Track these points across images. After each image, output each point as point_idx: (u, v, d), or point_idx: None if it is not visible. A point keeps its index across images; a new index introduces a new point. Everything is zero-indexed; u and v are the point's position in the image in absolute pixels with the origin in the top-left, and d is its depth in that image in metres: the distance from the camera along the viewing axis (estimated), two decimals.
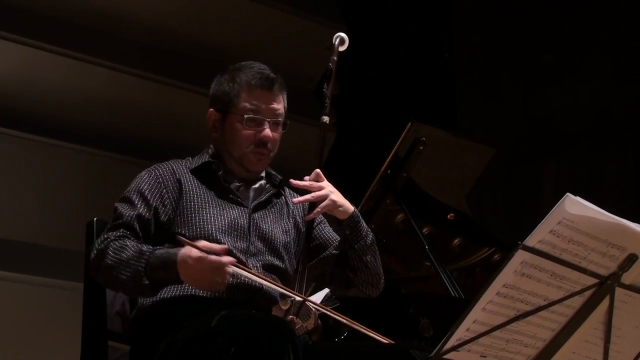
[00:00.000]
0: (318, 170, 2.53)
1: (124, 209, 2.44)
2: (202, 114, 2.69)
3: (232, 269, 2.22)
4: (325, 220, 2.68)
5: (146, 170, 2.54)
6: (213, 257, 2.20)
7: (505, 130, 6.04)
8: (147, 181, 2.49)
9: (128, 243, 2.34)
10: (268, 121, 2.54)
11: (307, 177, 2.51)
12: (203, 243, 2.24)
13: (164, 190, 2.47)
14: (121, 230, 2.39)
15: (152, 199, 2.45)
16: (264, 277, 2.35)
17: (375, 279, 2.57)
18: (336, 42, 2.70)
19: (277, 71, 2.62)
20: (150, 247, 2.34)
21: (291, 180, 2.52)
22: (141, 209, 2.43)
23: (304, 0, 5.78)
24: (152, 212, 2.44)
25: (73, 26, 5.14)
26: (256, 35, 5.56)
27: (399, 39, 6.27)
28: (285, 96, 2.62)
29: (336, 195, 2.49)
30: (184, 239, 2.25)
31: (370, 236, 2.56)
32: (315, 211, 2.47)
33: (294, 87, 2.66)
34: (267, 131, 2.53)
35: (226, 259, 2.22)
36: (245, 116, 2.52)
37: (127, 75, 5.26)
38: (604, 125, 5.74)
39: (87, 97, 5.22)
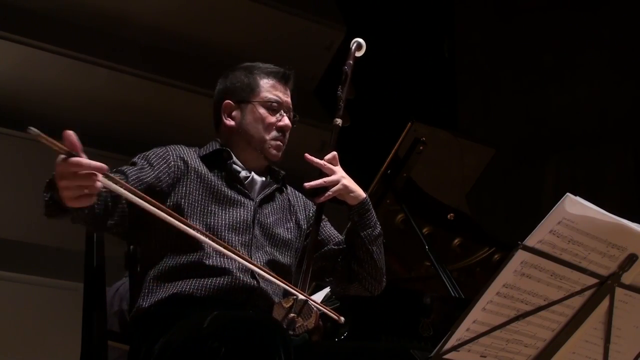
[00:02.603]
0: (335, 152, 2.56)
1: (125, 166, 2.42)
2: (201, 114, 2.69)
3: (101, 178, 1.94)
4: (325, 218, 2.68)
5: (158, 147, 2.54)
6: (78, 158, 1.92)
7: (505, 131, 6.04)
8: (156, 152, 2.49)
9: None
10: (288, 109, 2.60)
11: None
12: (55, 142, 1.90)
13: (172, 163, 2.47)
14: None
15: (156, 164, 2.44)
16: (139, 193, 2.09)
17: (379, 273, 2.58)
18: (353, 47, 2.74)
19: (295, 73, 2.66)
20: None
21: (307, 155, 2.53)
22: (141, 164, 2.42)
23: (304, 0, 5.79)
24: (153, 175, 2.40)
25: (73, 26, 5.15)
26: (256, 35, 5.56)
27: (399, 39, 6.27)
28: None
29: (348, 181, 2.52)
30: (34, 130, 1.87)
31: (379, 228, 2.58)
32: (326, 194, 2.49)
33: (293, 86, 2.67)
34: (287, 120, 2.58)
35: (94, 163, 1.92)
36: (271, 103, 2.57)
37: (127, 75, 5.26)
38: (604, 125, 5.75)
39: (87, 97, 5.22)
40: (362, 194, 2.54)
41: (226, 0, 5.51)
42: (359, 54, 2.74)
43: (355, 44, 2.74)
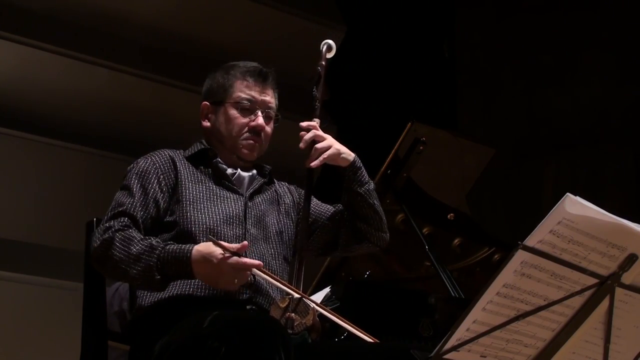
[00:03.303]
0: (318, 120, 2.61)
1: (123, 196, 2.46)
2: None
3: (254, 271, 2.26)
4: (313, 197, 2.71)
5: (143, 157, 2.56)
6: (239, 259, 2.21)
7: (505, 130, 6.04)
8: (145, 168, 2.51)
9: (135, 235, 2.35)
10: (261, 111, 2.60)
11: (308, 123, 2.58)
12: (224, 243, 2.24)
13: (162, 176, 2.50)
14: (122, 219, 2.39)
15: (150, 185, 2.47)
16: (282, 281, 2.37)
17: (384, 224, 2.66)
18: (323, 49, 2.75)
19: (276, 71, 2.66)
20: (160, 241, 2.35)
21: (301, 124, 2.58)
22: (140, 195, 2.45)
23: (304, 0, 5.79)
24: (151, 199, 2.45)
25: (73, 26, 5.15)
26: (256, 35, 5.56)
27: (399, 39, 6.27)
28: (276, 93, 2.68)
29: (338, 145, 2.58)
30: (211, 237, 2.27)
31: (372, 183, 2.65)
32: (320, 158, 2.53)
33: (293, 86, 2.68)
34: (260, 119, 2.59)
35: (253, 262, 2.24)
36: (240, 103, 2.58)
37: (127, 75, 5.27)
38: (603, 126, 5.74)
39: (87, 97, 5.22)
40: (351, 153, 2.60)
41: (226, 0, 5.51)
42: (329, 55, 2.75)
43: (325, 46, 2.76)
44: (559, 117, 5.94)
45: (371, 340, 2.36)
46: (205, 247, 2.27)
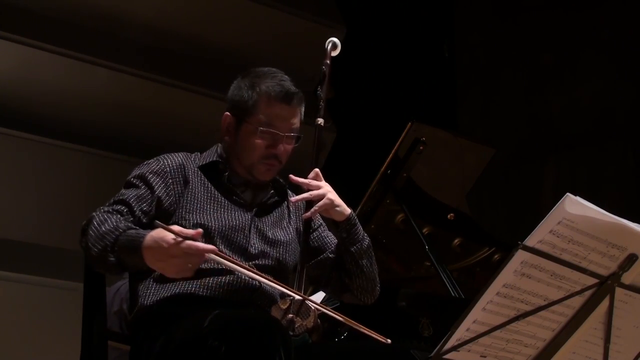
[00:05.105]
0: (317, 170, 2.52)
1: (125, 189, 2.44)
2: (201, 114, 2.70)
3: (210, 256, 2.16)
4: (324, 224, 2.67)
5: (155, 158, 2.53)
6: (192, 242, 2.12)
7: (505, 130, 6.04)
8: (154, 168, 2.48)
9: (112, 217, 2.30)
10: (282, 135, 2.51)
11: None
12: (177, 228, 2.14)
13: (170, 180, 2.47)
14: (115, 205, 2.37)
15: (156, 185, 2.44)
16: (243, 265, 2.31)
17: (370, 284, 2.55)
18: (328, 47, 2.73)
19: (300, 88, 2.61)
20: (130, 226, 2.29)
21: (291, 176, 2.51)
22: (143, 190, 2.42)
23: (304, 0, 5.79)
24: (154, 197, 2.42)
25: (73, 26, 5.15)
26: (256, 35, 5.56)
27: (399, 39, 6.27)
28: (302, 109, 2.58)
29: (333, 195, 2.48)
30: (158, 222, 2.15)
31: (367, 241, 2.55)
32: (312, 210, 2.46)
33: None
34: (280, 147, 2.51)
35: (206, 246, 2.15)
36: (260, 128, 2.49)
37: (127, 75, 5.26)
38: (604, 125, 5.74)
39: (87, 97, 5.22)
40: (347, 209, 2.50)
41: (226, 0, 5.51)
42: (334, 53, 2.73)
43: (330, 44, 2.73)
44: (559, 117, 5.94)
45: (378, 338, 2.33)
46: (157, 232, 2.16)
